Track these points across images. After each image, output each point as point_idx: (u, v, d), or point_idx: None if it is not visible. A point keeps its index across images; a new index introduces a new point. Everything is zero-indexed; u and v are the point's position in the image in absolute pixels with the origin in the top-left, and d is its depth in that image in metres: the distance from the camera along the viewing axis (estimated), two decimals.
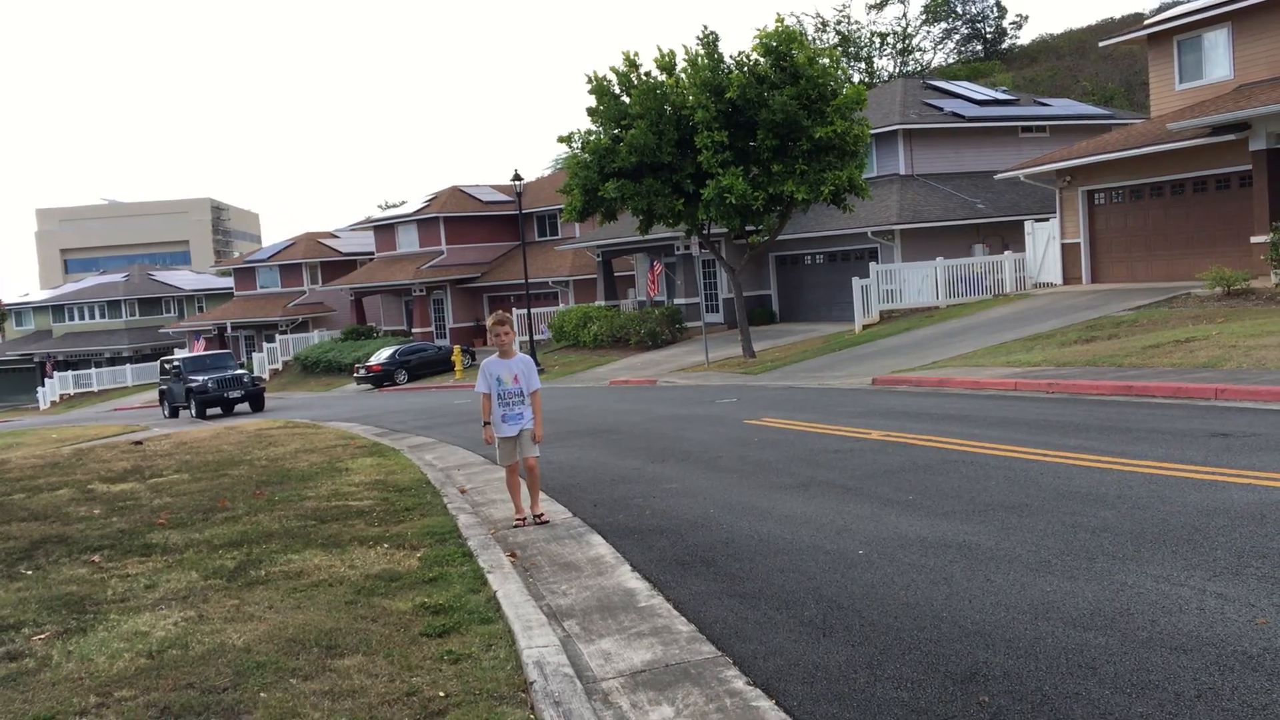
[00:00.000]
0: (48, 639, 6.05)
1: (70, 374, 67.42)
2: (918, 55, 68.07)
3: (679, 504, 8.89)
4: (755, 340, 28.85)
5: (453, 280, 51.99)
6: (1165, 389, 12.78)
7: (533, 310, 41.46)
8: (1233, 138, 21.55)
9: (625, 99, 26.61)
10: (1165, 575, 5.63)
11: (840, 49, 59.61)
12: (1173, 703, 4.10)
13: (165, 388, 37.06)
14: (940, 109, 35.97)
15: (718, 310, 37.97)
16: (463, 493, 10.55)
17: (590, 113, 27.15)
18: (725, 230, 28.04)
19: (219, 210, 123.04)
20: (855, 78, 60.34)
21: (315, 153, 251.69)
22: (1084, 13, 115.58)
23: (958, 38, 69.52)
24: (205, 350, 48.61)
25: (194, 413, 33.34)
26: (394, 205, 73.40)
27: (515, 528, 8.56)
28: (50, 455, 17.94)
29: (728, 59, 26.40)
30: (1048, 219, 28.58)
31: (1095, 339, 18.40)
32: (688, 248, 35.86)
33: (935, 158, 35.08)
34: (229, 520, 9.49)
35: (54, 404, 65.03)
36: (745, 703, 4.54)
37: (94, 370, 67.33)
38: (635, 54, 26.69)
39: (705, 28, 26.96)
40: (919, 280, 29.17)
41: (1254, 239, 21.32)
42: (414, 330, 53.10)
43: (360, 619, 5.98)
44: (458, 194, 55.39)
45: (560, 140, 28.48)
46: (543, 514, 8.67)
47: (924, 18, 67.41)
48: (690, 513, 8.47)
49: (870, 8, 71.37)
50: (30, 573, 7.90)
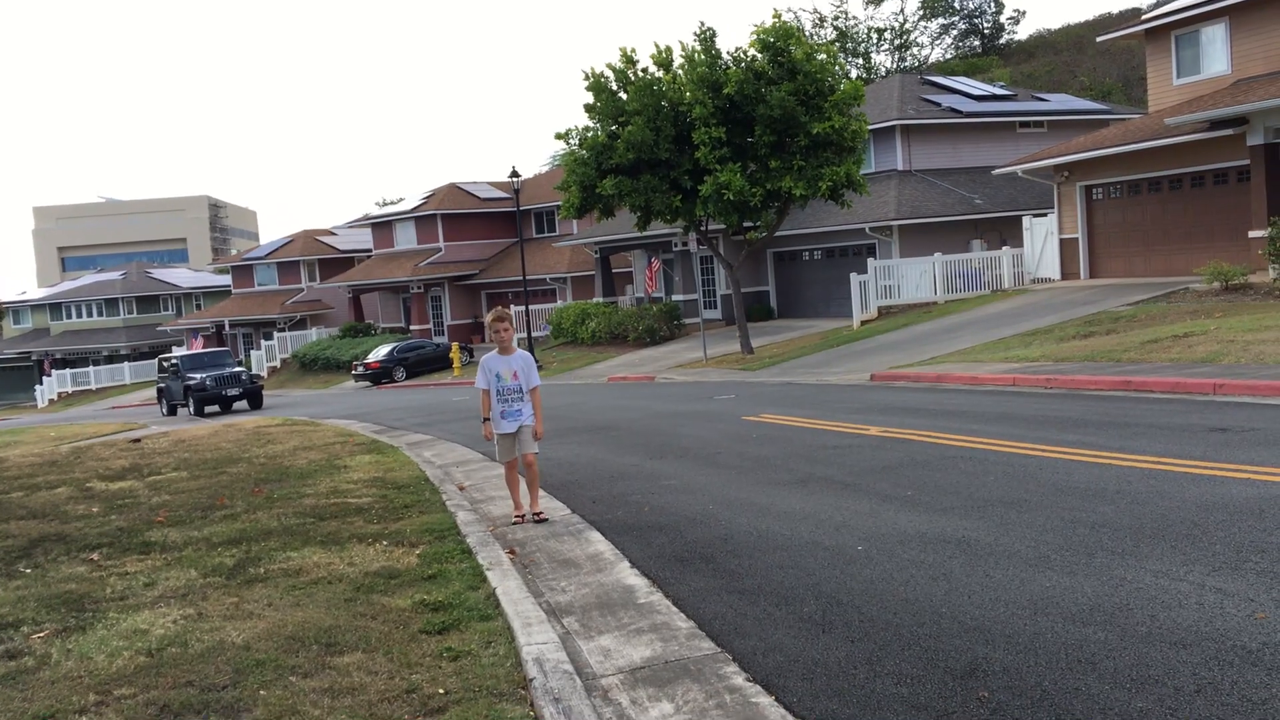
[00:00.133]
0: (47, 637, 6.05)
1: (68, 372, 67.43)
2: (915, 51, 68.05)
3: (678, 500, 8.89)
4: (753, 336, 28.86)
5: (450, 277, 51.97)
6: (1164, 384, 12.79)
7: (531, 307, 41.44)
8: (1230, 132, 21.55)
9: (623, 95, 26.61)
10: (1164, 570, 5.64)
11: (837, 45, 59.59)
12: (1172, 698, 4.11)
13: (163, 385, 37.05)
14: (938, 104, 35.95)
15: (716, 306, 37.97)
16: (461, 490, 10.55)
17: (588, 109, 27.15)
18: (723, 226, 28.05)
19: (216, 208, 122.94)
20: (853, 74, 60.31)
21: (313, 150, 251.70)
22: (1081, 8, 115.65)
23: (955, 33, 69.52)
24: (203, 348, 48.65)
25: (192, 410, 33.32)
26: (392, 202, 73.34)
27: (514, 524, 8.56)
28: (48, 453, 17.93)
29: (725, 55, 26.40)
30: (1046, 214, 28.58)
31: (1093, 334, 18.41)
32: (685, 244, 35.87)
33: (933, 153, 35.06)
34: (228, 518, 9.49)
35: (52, 402, 65.04)
36: (745, 699, 4.54)
37: (92, 368, 67.35)
38: (633, 50, 26.71)
39: (702, 24, 26.99)
40: (917, 276, 29.17)
41: (1252, 234, 21.33)
42: (412, 327, 53.09)
43: (359, 616, 5.98)
44: (455, 191, 55.35)
45: (558, 137, 28.51)
46: (541, 512, 8.64)
47: (921, 13, 67.39)
48: (689, 509, 8.47)
49: (868, 3, 71.49)
50: (29, 571, 7.89)
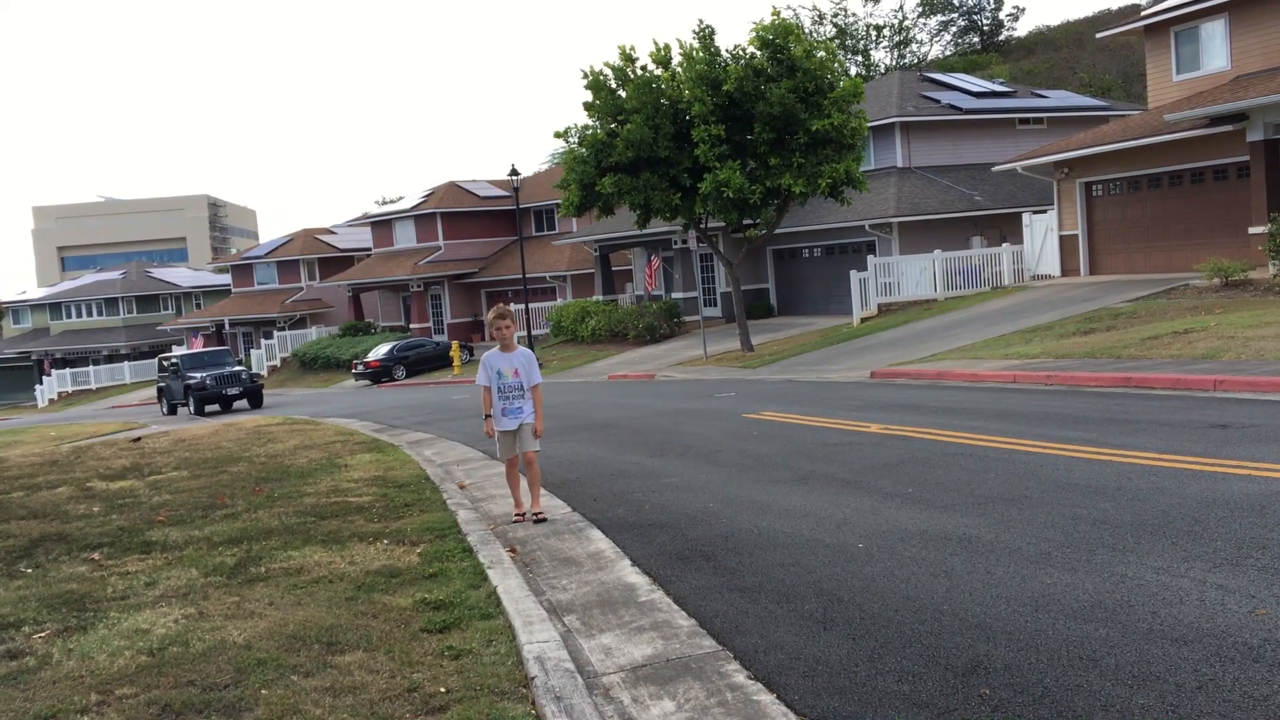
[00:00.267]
0: (48, 637, 6.05)
1: (68, 371, 67.45)
2: (914, 48, 68.04)
3: (678, 498, 8.89)
4: (753, 334, 28.85)
5: (450, 276, 51.95)
6: (1164, 380, 12.78)
7: (531, 305, 41.44)
8: (1230, 128, 21.54)
9: (622, 94, 26.59)
10: (1166, 567, 5.64)
11: (837, 42, 59.51)
12: (1174, 694, 4.11)
13: (163, 385, 37.06)
14: (937, 101, 35.92)
15: (715, 304, 37.96)
16: (462, 488, 10.55)
17: (587, 107, 27.13)
18: (723, 224, 28.03)
19: (216, 207, 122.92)
20: (852, 71, 60.28)
21: (312, 149, 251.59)
22: (1081, 4, 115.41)
23: (954, 30, 69.53)
24: (203, 347, 48.62)
25: (192, 410, 33.32)
26: (391, 201, 73.28)
27: (515, 523, 8.55)
28: (49, 453, 17.93)
29: (724, 53, 26.38)
30: (1045, 211, 28.56)
31: (1094, 331, 18.40)
32: (685, 242, 35.84)
33: (932, 150, 35.04)
34: (228, 517, 9.48)
35: (52, 402, 65.05)
36: (746, 696, 4.54)
37: (92, 368, 67.38)
38: (631, 48, 26.69)
39: (701, 21, 26.95)
40: (917, 273, 29.16)
41: (1252, 230, 21.32)
42: (412, 326, 53.08)
43: (360, 615, 5.98)
44: (455, 189, 55.33)
45: (557, 135, 28.50)
46: (541, 512, 8.56)
47: (920, 10, 67.42)
48: (690, 507, 8.47)
49: (866, 0, 71.32)
50: (30, 571, 7.89)
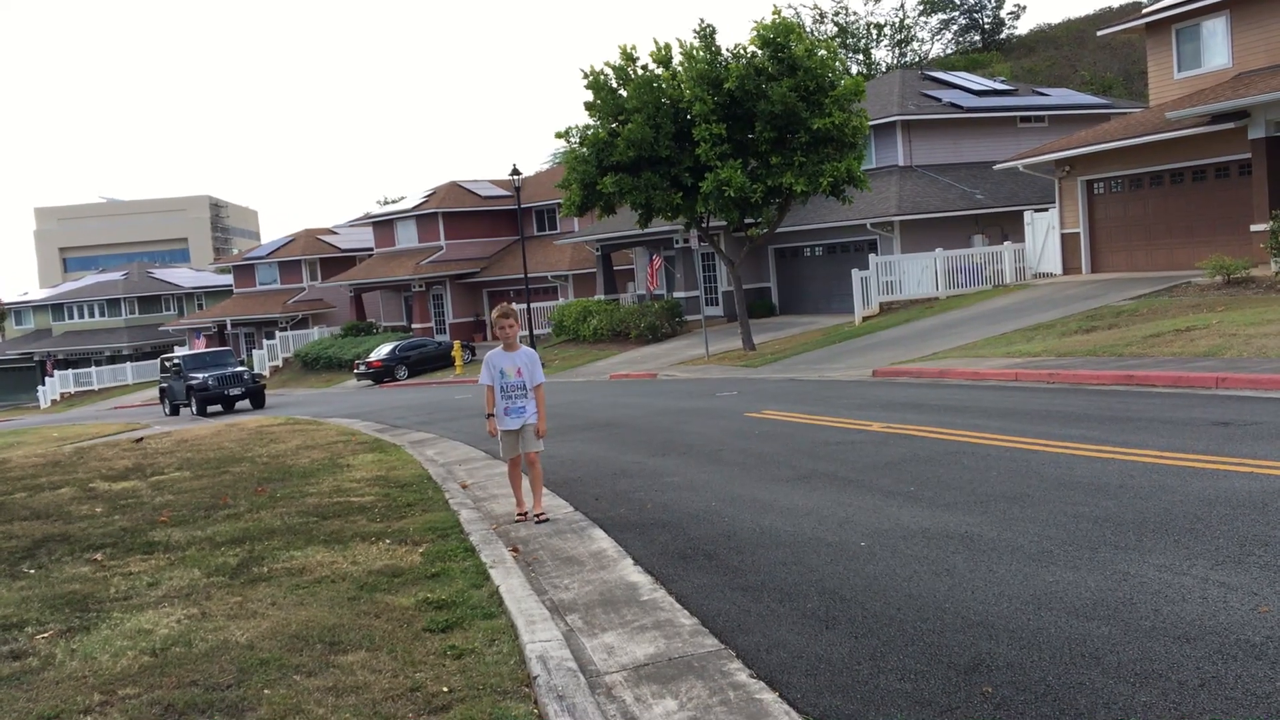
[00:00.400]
0: (51, 638, 6.05)
1: (70, 372, 67.48)
2: (915, 46, 67.97)
3: (680, 497, 8.89)
4: (755, 333, 28.84)
5: (452, 275, 51.97)
6: (1166, 378, 12.77)
7: (532, 305, 41.43)
8: (1232, 126, 21.52)
9: (622, 93, 26.57)
10: (1168, 564, 5.63)
11: (838, 40, 59.49)
12: (1176, 692, 4.10)
13: (166, 385, 37.07)
14: (938, 100, 35.91)
15: (717, 303, 37.95)
16: (464, 488, 10.55)
17: (587, 107, 27.12)
18: (724, 223, 28.01)
19: (218, 207, 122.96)
20: (853, 69, 60.25)
21: (313, 149, 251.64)
22: (1082, 2, 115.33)
23: (955, 28, 69.43)
24: (205, 348, 48.70)
25: (194, 410, 33.33)
26: (393, 201, 73.28)
27: (517, 522, 8.54)
28: (51, 454, 17.94)
29: (725, 52, 26.36)
30: (1047, 209, 28.54)
31: (1096, 329, 18.39)
32: (687, 241, 35.79)
33: (934, 149, 35.03)
34: (231, 517, 9.49)
35: (54, 403, 65.09)
36: (749, 695, 4.54)
37: (94, 369, 67.41)
38: (632, 48, 26.66)
39: (702, 21, 26.91)
40: (919, 271, 29.15)
41: (1254, 227, 21.30)
42: (414, 326, 53.10)
43: (363, 615, 5.98)
44: (456, 189, 55.34)
45: (558, 135, 28.48)
46: (543, 513, 8.52)
47: (921, 9, 67.33)
48: (692, 506, 8.47)
49: None
50: (33, 571, 7.90)
